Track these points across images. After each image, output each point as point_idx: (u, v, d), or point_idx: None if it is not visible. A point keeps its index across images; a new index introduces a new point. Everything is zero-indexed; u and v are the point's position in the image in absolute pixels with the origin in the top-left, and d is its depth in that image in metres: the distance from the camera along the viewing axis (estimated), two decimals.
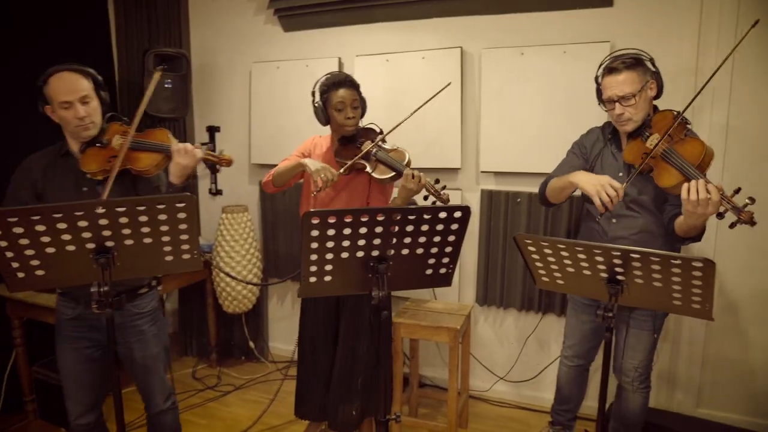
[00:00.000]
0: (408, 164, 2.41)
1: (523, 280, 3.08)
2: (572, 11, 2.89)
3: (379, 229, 1.75)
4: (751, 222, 1.73)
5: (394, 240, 1.79)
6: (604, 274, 1.65)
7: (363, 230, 1.74)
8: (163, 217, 1.67)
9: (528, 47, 2.94)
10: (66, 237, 1.61)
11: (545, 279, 1.84)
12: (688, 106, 2.05)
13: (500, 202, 3.08)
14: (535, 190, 2.95)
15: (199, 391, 3.43)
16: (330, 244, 1.75)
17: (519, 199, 3.03)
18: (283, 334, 3.87)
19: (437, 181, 2.32)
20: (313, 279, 1.82)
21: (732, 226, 1.76)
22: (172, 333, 4.15)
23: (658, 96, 2.21)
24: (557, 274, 1.78)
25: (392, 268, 1.82)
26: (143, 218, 1.64)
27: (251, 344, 3.77)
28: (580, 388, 2.65)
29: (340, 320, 2.60)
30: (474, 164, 3.17)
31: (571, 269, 1.72)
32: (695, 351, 2.87)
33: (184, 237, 1.74)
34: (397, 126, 2.42)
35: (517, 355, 3.24)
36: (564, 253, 1.68)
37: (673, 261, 1.48)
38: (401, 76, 3.21)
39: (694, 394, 2.90)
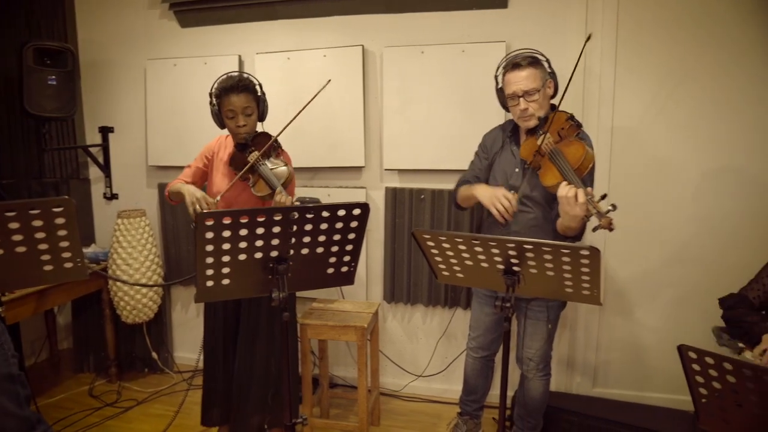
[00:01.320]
0: (287, 183, 2.36)
1: (429, 276, 3.13)
2: (469, 12, 2.97)
3: (277, 229, 1.71)
4: (610, 228, 1.81)
5: (293, 240, 1.76)
6: (500, 266, 1.70)
7: (260, 231, 1.70)
8: (38, 223, 1.54)
9: (428, 46, 2.99)
10: None
11: (446, 273, 1.87)
12: (556, 108, 2.16)
13: (404, 200, 3.11)
14: (439, 186, 3.04)
15: (97, 409, 3.21)
16: (226, 246, 1.69)
17: (423, 196, 3.08)
18: (189, 342, 3.72)
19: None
20: (210, 283, 1.75)
21: (595, 229, 1.85)
22: (65, 349, 3.87)
23: (554, 95, 2.30)
24: (457, 268, 1.82)
25: (293, 269, 1.79)
26: (14, 225, 1.51)
27: (154, 355, 3.59)
28: (486, 379, 2.73)
29: (239, 324, 2.53)
30: (378, 162, 3.18)
31: (469, 262, 1.75)
32: (590, 336, 3.04)
33: (65, 244, 1.61)
34: (283, 129, 2.36)
35: (426, 350, 3.29)
36: (461, 247, 1.72)
37: (563, 250, 1.55)
38: (303, 74, 3.17)
39: (590, 375, 3.07)
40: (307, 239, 1.77)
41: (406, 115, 3.06)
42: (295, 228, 1.73)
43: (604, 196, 1.88)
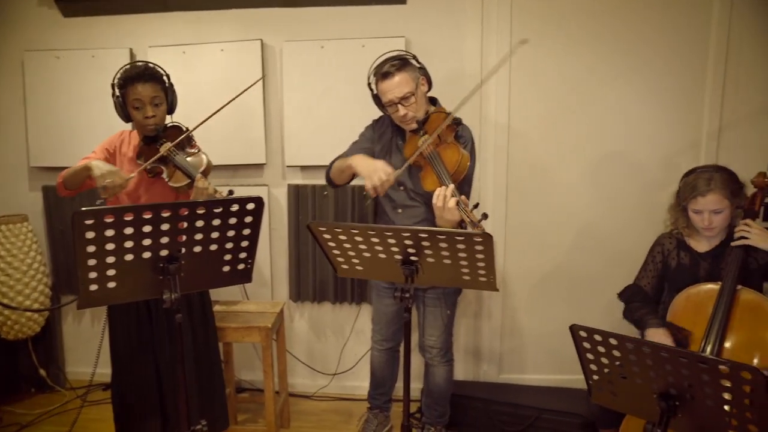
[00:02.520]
0: (206, 171, 2.25)
1: (335, 273, 3.10)
2: (369, 7, 2.97)
3: (165, 227, 1.62)
4: None
5: (185, 237, 1.67)
6: (398, 257, 1.71)
7: (147, 228, 1.60)
8: None
9: (328, 41, 2.96)
10: None
11: (345, 267, 1.85)
12: (457, 108, 2.19)
13: (307, 196, 3.07)
14: None
15: None
16: (110, 247, 1.58)
17: (326, 192, 3.05)
18: (85, 355, 3.45)
19: (230, 192, 2.11)
20: (94, 287, 1.63)
21: None
22: None
23: (429, 89, 2.35)
24: (355, 261, 1.80)
25: (185, 268, 1.70)
26: None
27: (42, 372, 3.31)
28: (393, 370, 2.77)
29: (153, 327, 2.33)
30: (279, 159, 3.12)
31: (367, 254, 1.75)
32: (494, 324, 3.13)
33: None
34: (201, 123, 2.23)
35: (335, 348, 3.26)
36: (358, 239, 1.70)
37: (457, 237, 1.57)
38: (200, 69, 3.04)
39: (496, 362, 3.17)
40: (199, 236, 1.69)
41: (307, 111, 3.01)
42: (185, 225, 1.64)
43: (476, 205, 1.96)
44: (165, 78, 2.31)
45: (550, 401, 2.83)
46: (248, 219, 1.72)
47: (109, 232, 1.55)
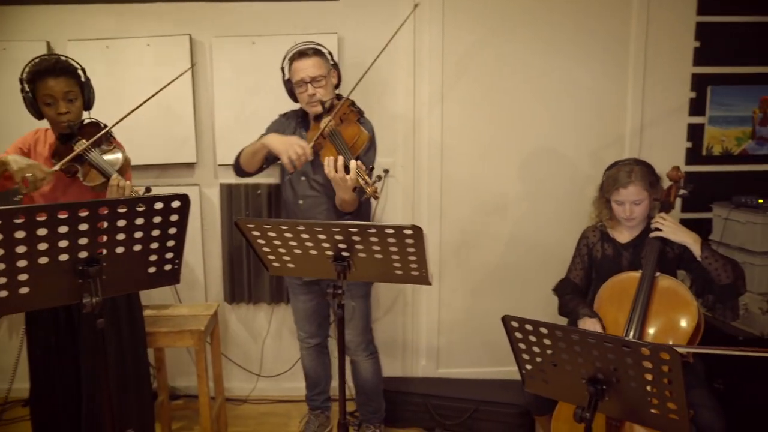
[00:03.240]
0: (123, 169, 2.13)
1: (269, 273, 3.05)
2: (301, 2, 2.94)
3: (84, 227, 1.52)
4: (375, 196, 2.01)
5: (105, 238, 1.59)
6: (329, 252, 1.69)
7: (63, 229, 1.50)
8: None
9: (259, 37, 2.91)
10: None
11: (276, 264, 1.81)
12: (351, 91, 2.31)
13: (240, 196, 3.00)
14: (276, 180, 2.95)
15: None
16: (21, 249, 1.47)
17: (259, 191, 2.99)
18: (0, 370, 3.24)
19: (148, 190, 2.01)
20: (3, 293, 1.52)
21: (363, 198, 2.07)
22: None
23: (338, 85, 2.46)
24: (286, 258, 1.77)
25: (107, 270, 1.61)
26: None
27: None
28: (325, 369, 2.77)
29: (75, 335, 2.19)
30: (211, 158, 3.03)
31: (298, 251, 1.72)
32: (432, 319, 3.16)
33: None
34: (121, 120, 2.12)
35: (272, 349, 3.20)
36: (288, 235, 1.67)
37: (387, 231, 1.56)
38: (124, 65, 2.91)
39: (434, 357, 3.19)
40: (121, 236, 1.61)
41: (239, 108, 2.94)
42: (106, 224, 1.56)
43: (371, 169, 2.07)
44: (80, 72, 2.18)
45: (487, 393, 2.88)
46: (174, 217, 1.65)
47: (20, 234, 1.45)
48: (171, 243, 1.70)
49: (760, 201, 2.67)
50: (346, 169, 2.06)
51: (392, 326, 3.19)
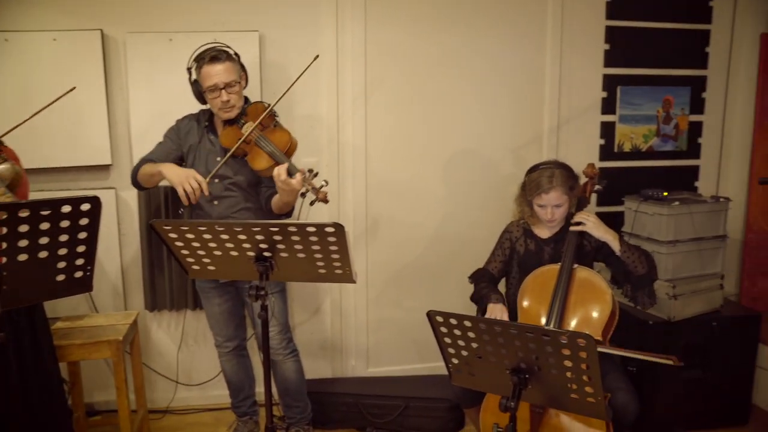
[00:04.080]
0: (14, 184, 2.00)
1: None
2: None
3: None
4: (326, 200, 2.03)
5: (5, 244, 1.48)
6: (251, 253, 1.65)
7: None
8: None
9: (176, 33, 2.80)
10: None
11: (196, 267, 1.75)
12: (277, 102, 2.28)
13: (160, 198, 2.88)
14: None
15: None
16: None
17: (181, 210, 2.83)
18: None
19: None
20: None
21: (312, 203, 2.05)
22: None
23: (245, 87, 2.42)
24: (206, 260, 1.71)
25: (8, 279, 1.51)
26: None
27: None
28: (247, 373, 2.72)
29: None
30: (128, 159, 2.88)
31: (218, 252, 1.66)
32: (360, 319, 3.15)
33: None
34: (14, 128, 2.00)
35: (198, 356, 3.10)
36: (207, 236, 1.62)
37: (308, 229, 1.54)
38: (27, 61, 2.72)
39: (364, 357, 3.19)
40: (24, 243, 1.50)
41: (156, 108, 2.81)
42: (5, 230, 1.45)
43: (316, 174, 2.07)
44: None
45: (418, 389, 2.90)
46: (84, 221, 1.56)
47: None
48: (81, 248, 1.61)
49: (665, 194, 2.83)
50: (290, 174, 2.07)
51: (321, 327, 3.16)
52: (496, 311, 2.24)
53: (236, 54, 2.37)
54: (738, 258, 3.46)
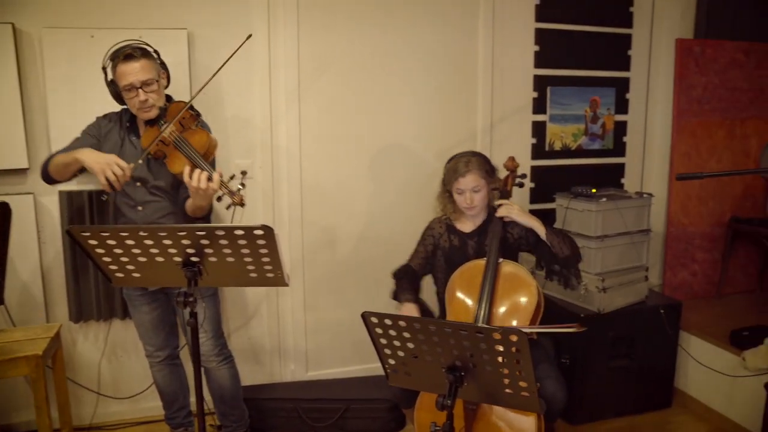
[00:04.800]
0: None
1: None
2: None
3: None
4: (241, 203, 1.97)
5: None
6: (177, 258, 1.58)
7: None
8: None
9: (98, 29, 2.66)
10: None
11: (120, 275, 1.67)
12: (193, 98, 2.22)
13: (84, 202, 2.73)
14: None
15: None
16: None
17: (105, 197, 2.72)
18: None
19: None
20: None
21: (228, 207, 1.98)
22: None
23: (168, 85, 2.33)
24: (130, 267, 1.63)
25: None
26: None
27: None
28: (181, 382, 2.62)
29: None
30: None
31: (142, 259, 1.59)
32: (298, 322, 3.10)
33: None
34: None
35: (128, 368, 2.96)
36: (130, 242, 1.54)
37: (236, 232, 1.50)
38: None
39: (303, 360, 3.14)
40: None
41: (78, 108, 2.66)
42: None
43: (232, 177, 1.99)
44: None
45: (358, 391, 2.89)
46: None
47: None
48: None
49: (594, 190, 2.94)
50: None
51: (258, 332, 3.09)
52: (405, 312, 2.28)
53: (155, 51, 2.26)
54: (661, 251, 3.64)
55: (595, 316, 2.85)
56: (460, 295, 2.33)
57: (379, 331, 1.65)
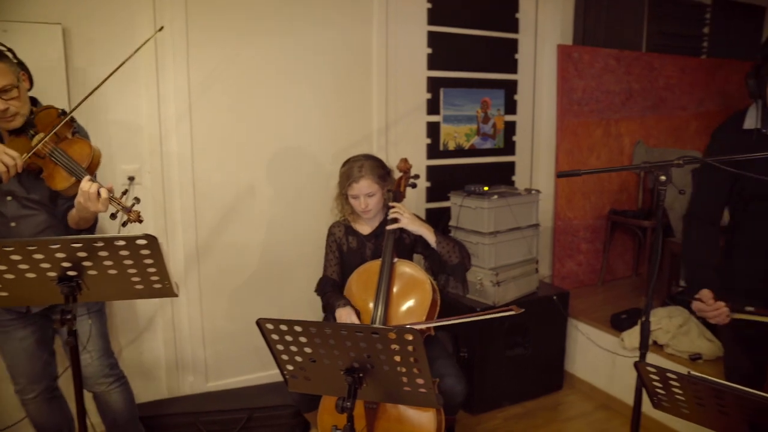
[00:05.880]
0: None
1: None
2: None
3: None
4: (139, 220, 1.82)
5: None
6: (52, 273, 1.46)
7: None
8: None
9: None
10: None
11: None
12: (75, 108, 2.01)
13: None
14: None
15: None
16: None
17: None
18: None
19: None
20: None
21: (124, 224, 1.83)
22: None
23: (31, 87, 2.09)
24: None
25: None
26: None
27: None
28: (63, 413, 2.35)
29: None
30: None
31: (9, 275, 1.45)
32: (195, 332, 2.98)
33: None
34: None
35: None
36: None
37: (117, 243, 1.41)
38: None
39: (202, 371, 3.03)
40: None
41: None
42: None
43: (125, 192, 1.86)
44: None
45: (260, 399, 2.82)
46: None
47: None
48: None
49: (486, 188, 3.06)
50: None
51: (153, 345, 2.92)
52: (344, 315, 2.27)
53: (9, 50, 1.96)
54: (550, 243, 3.86)
55: (490, 309, 2.96)
56: (357, 296, 2.35)
57: (275, 337, 1.62)
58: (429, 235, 2.37)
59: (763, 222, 1.98)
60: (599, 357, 3.20)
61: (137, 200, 1.78)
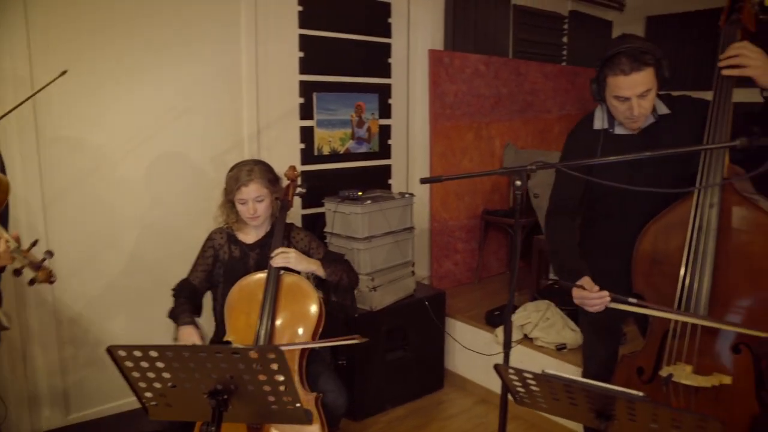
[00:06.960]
0: None
1: None
2: None
3: None
4: (50, 280, 1.61)
5: None
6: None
7: None
8: None
9: None
10: None
11: None
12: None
13: None
14: None
15: None
16: None
17: None
18: None
19: None
20: None
21: (31, 283, 1.61)
22: None
23: None
24: None
25: None
26: None
27: None
28: None
29: None
30: None
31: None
32: (51, 360, 2.70)
33: None
34: None
35: None
36: None
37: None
38: None
39: (61, 403, 2.75)
40: None
41: None
42: None
43: (35, 243, 1.62)
44: None
45: (128, 427, 2.63)
46: None
47: None
48: None
49: (360, 193, 3.06)
50: None
51: None
52: (184, 335, 2.15)
53: None
54: (428, 245, 3.95)
55: (368, 313, 2.97)
56: (240, 312, 2.24)
57: (129, 364, 1.50)
58: (318, 270, 2.33)
59: (611, 222, 2.14)
60: (476, 354, 3.32)
61: (50, 254, 1.52)
